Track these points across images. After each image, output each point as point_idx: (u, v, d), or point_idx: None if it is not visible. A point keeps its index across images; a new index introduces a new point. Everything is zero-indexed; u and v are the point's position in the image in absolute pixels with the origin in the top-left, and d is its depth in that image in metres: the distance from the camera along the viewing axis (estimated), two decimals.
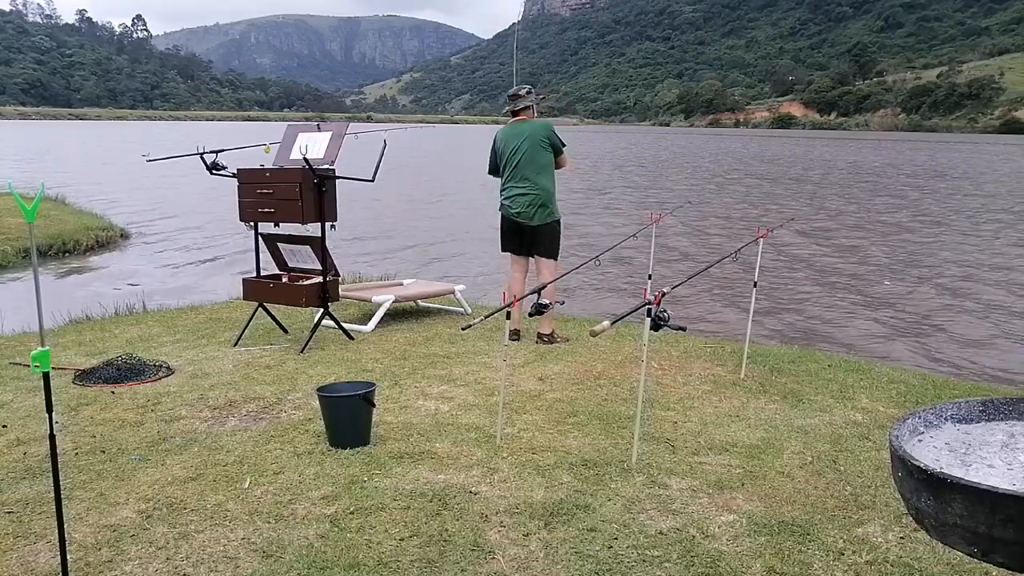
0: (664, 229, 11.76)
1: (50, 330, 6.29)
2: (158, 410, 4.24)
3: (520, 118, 5.84)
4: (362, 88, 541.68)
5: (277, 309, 6.07)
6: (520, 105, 5.83)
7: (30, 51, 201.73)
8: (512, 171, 5.75)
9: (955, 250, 14.08)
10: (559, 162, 5.88)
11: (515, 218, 5.76)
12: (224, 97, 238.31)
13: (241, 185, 5.67)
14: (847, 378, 5.01)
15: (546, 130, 5.78)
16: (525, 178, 5.71)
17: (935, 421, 1.90)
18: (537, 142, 5.71)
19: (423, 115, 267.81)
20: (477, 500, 3.18)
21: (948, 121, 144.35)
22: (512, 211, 5.76)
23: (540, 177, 5.72)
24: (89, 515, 3.03)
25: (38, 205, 2.21)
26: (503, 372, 3.99)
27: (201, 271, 11.68)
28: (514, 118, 5.88)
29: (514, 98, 5.88)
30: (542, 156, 5.73)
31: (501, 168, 5.86)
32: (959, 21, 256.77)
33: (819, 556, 2.77)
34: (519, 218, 5.75)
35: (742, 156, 49.79)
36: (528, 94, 5.87)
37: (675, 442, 3.83)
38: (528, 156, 5.70)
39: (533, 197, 5.70)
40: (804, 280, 11.22)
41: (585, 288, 10.26)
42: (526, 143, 5.70)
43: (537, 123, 5.82)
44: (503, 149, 5.81)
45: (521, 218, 5.74)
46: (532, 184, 5.70)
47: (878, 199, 23.36)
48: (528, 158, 5.70)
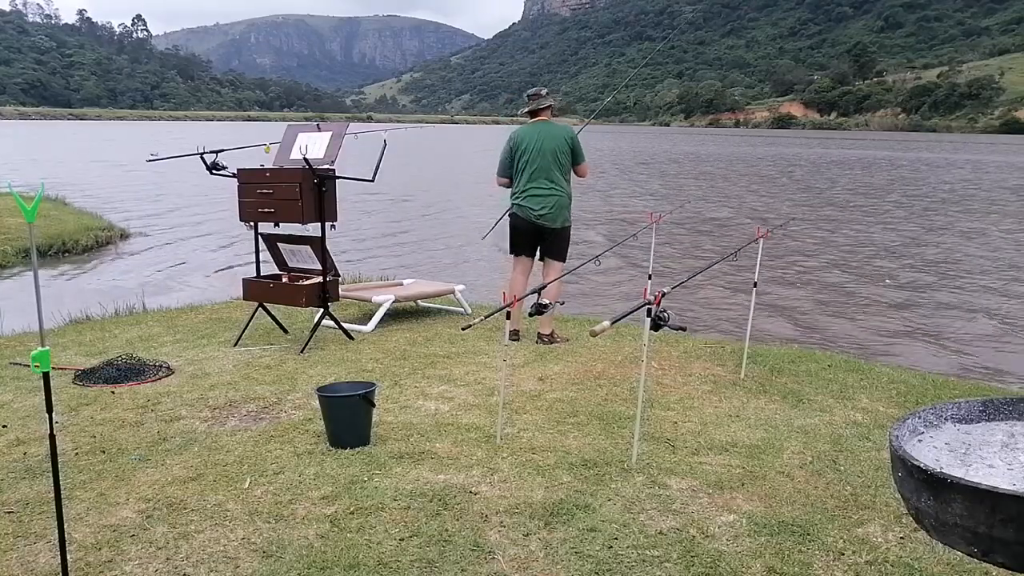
0: (664, 229, 11.77)
1: (50, 330, 6.29)
2: (158, 410, 4.24)
3: (541, 118, 5.76)
4: (362, 88, 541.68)
5: (277, 309, 6.07)
6: (542, 104, 5.74)
7: (30, 51, 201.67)
8: (534, 172, 5.63)
9: (956, 250, 14.08)
10: (580, 171, 5.82)
11: (536, 220, 5.65)
12: (224, 97, 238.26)
13: (241, 185, 5.66)
14: (847, 378, 5.01)
15: (571, 135, 5.72)
16: (550, 180, 5.62)
17: (935, 421, 1.90)
18: (561, 146, 5.63)
19: (423, 115, 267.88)
20: (477, 500, 3.18)
21: (948, 121, 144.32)
22: (535, 213, 5.64)
23: (562, 180, 5.68)
24: (89, 515, 3.03)
25: (38, 205, 2.21)
26: (503, 372, 3.99)
27: (201, 271, 11.67)
28: (533, 118, 5.78)
29: (534, 97, 5.78)
30: (564, 160, 5.66)
31: (519, 168, 5.72)
32: (959, 21, 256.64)
33: (819, 556, 2.77)
34: (542, 220, 5.65)
35: (742, 156, 49.78)
36: (548, 95, 5.80)
37: (675, 442, 3.83)
38: (553, 158, 5.61)
39: (557, 199, 5.64)
40: (804, 280, 11.22)
41: (585, 288, 10.26)
42: (550, 144, 5.61)
43: (561, 127, 5.76)
44: (523, 149, 5.67)
45: (544, 220, 5.65)
46: (556, 186, 5.64)
47: (878, 199, 23.36)
48: (553, 160, 5.62)
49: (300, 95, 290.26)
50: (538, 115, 5.77)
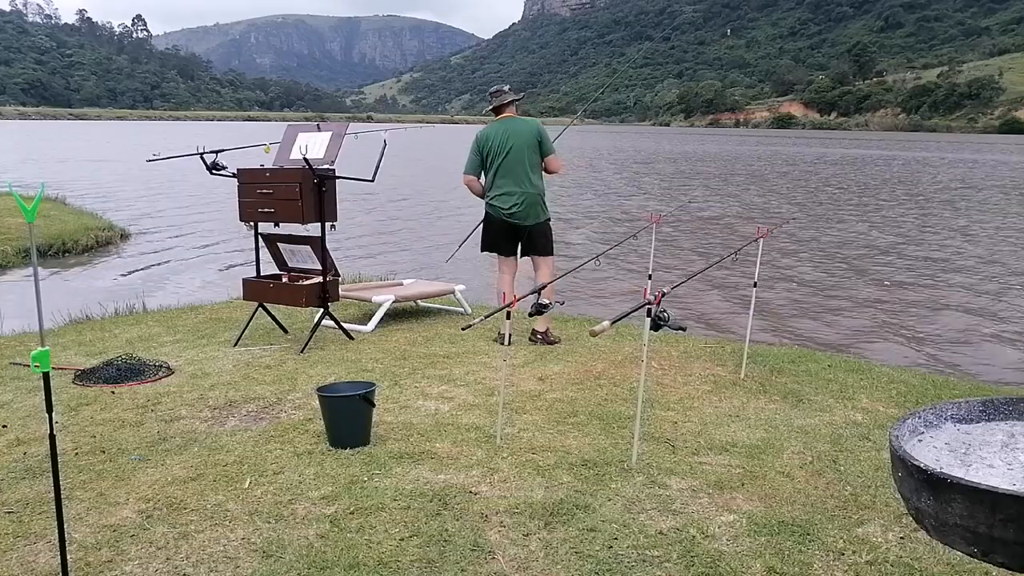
0: (664, 229, 11.78)
1: (50, 330, 6.29)
2: (158, 410, 4.24)
3: (505, 115, 5.66)
4: (362, 88, 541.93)
5: (277, 309, 6.07)
6: (504, 100, 5.65)
7: (30, 51, 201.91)
8: (502, 170, 5.57)
9: (956, 250, 14.08)
10: (550, 165, 5.69)
11: (508, 218, 5.60)
12: (224, 97, 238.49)
13: (241, 185, 5.66)
14: (847, 378, 5.00)
15: (536, 129, 5.60)
16: (517, 177, 5.55)
17: (935, 421, 1.90)
18: (527, 141, 5.54)
19: (423, 115, 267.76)
20: (477, 500, 3.18)
21: (948, 121, 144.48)
22: (504, 211, 5.59)
23: (532, 176, 5.59)
24: (89, 515, 3.03)
25: (38, 205, 2.21)
26: (503, 372, 3.99)
27: (201, 271, 11.67)
28: (497, 116, 5.69)
29: (496, 95, 5.71)
30: (533, 155, 5.56)
31: (487, 167, 5.67)
32: (959, 21, 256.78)
33: (819, 556, 2.77)
34: (513, 218, 5.60)
35: (742, 156, 49.79)
36: (510, 90, 5.70)
37: (675, 442, 3.83)
38: (518, 155, 5.53)
39: (527, 197, 5.56)
40: (804, 280, 11.21)
41: (585, 288, 10.26)
42: (516, 141, 5.53)
43: (526, 121, 5.66)
44: (490, 147, 5.60)
45: (515, 218, 5.59)
46: (526, 183, 5.55)
47: (878, 199, 23.36)
48: (518, 157, 5.53)
49: (300, 95, 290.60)
50: (502, 112, 5.68)
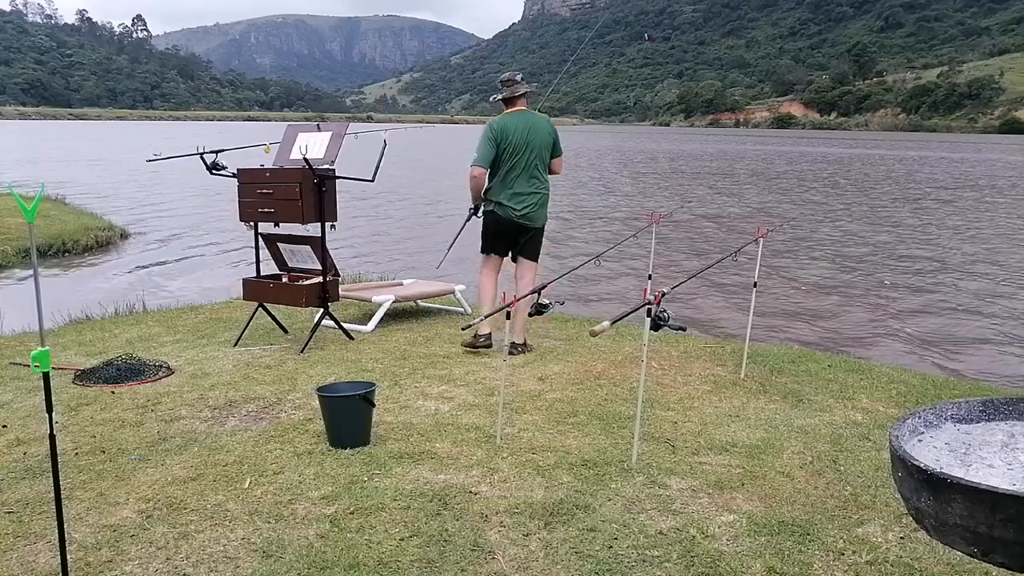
0: (664, 229, 11.76)
1: (50, 330, 6.29)
2: (158, 410, 4.24)
3: (519, 108, 5.30)
4: (362, 88, 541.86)
5: (277, 309, 6.07)
6: (517, 92, 5.28)
7: (30, 51, 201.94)
8: (520, 168, 5.21)
9: (956, 250, 14.08)
10: (556, 166, 5.45)
11: (519, 219, 5.27)
12: (224, 97, 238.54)
13: (241, 185, 5.66)
14: (847, 378, 5.00)
15: (552, 128, 5.37)
16: (535, 177, 5.26)
17: (935, 421, 1.90)
18: (545, 140, 5.26)
19: (423, 115, 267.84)
20: (477, 500, 3.18)
21: (948, 121, 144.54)
22: (517, 213, 5.26)
23: (545, 176, 5.37)
24: (89, 515, 3.03)
25: (38, 205, 2.21)
26: (503, 372, 3.99)
27: (201, 271, 11.68)
28: (509, 108, 5.31)
29: (508, 83, 5.31)
30: (547, 155, 5.30)
31: (502, 162, 5.22)
32: (959, 21, 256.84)
33: (819, 556, 2.77)
34: (524, 219, 5.28)
35: (743, 156, 49.78)
36: (523, 81, 5.33)
37: (675, 442, 3.83)
38: (538, 153, 5.23)
39: (541, 197, 5.30)
40: (804, 280, 11.21)
41: (585, 288, 10.26)
42: (536, 138, 5.20)
43: (543, 118, 5.35)
44: (509, 142, 5.17)
45: (527, 220, 5.29)
46: (541, 184, 5.29)
47: (878, 199, 23.36)
48: (538, 156, 5.24)
49: (300, 95, 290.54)
50: (514, 103, 5.30)
